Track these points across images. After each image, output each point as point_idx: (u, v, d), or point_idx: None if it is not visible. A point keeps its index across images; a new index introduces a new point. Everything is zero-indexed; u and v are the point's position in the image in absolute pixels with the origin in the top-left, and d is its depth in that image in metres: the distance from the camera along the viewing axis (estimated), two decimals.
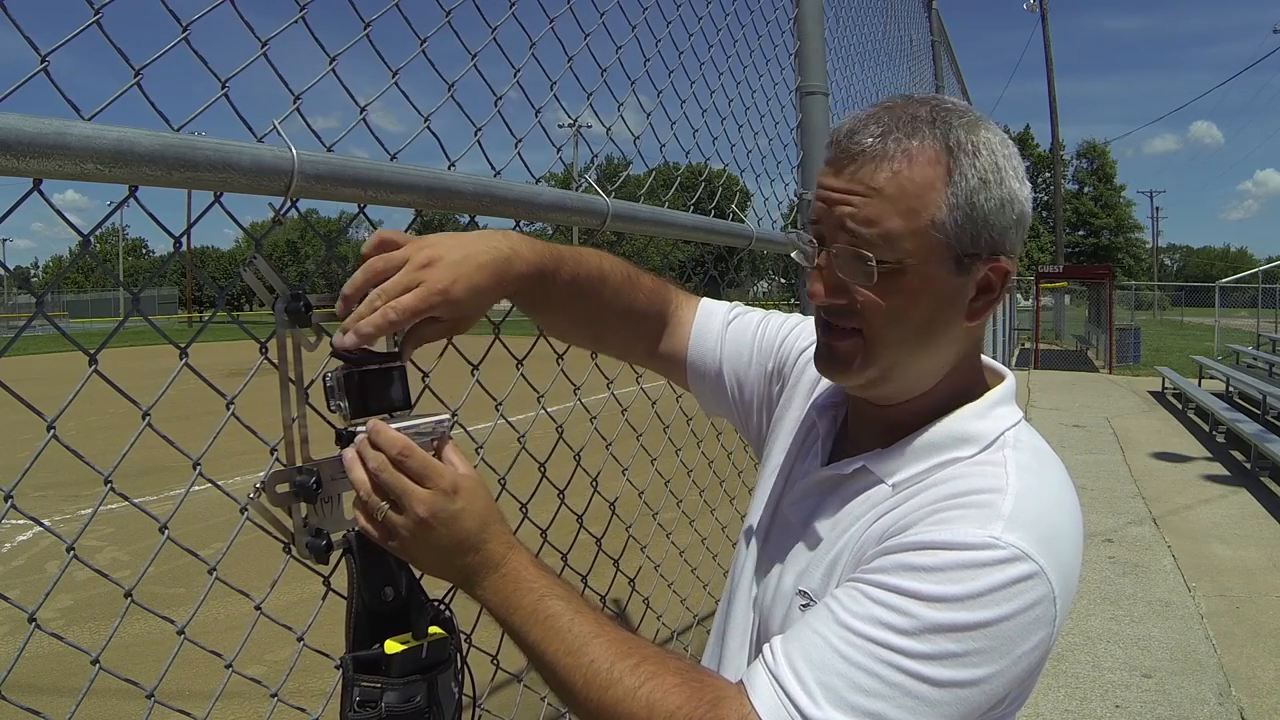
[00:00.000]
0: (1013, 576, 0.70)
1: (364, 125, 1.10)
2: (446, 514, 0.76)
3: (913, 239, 0.77)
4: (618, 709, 0.72)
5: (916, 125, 0.78)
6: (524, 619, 0.77)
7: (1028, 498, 0.75)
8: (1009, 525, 0.72)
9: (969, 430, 0.82)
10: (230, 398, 0.96)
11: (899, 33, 4.38)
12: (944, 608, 0.69)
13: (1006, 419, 0.84)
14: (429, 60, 1.20)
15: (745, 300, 2.65)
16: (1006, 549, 0.70)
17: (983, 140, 0.79)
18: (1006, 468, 0.78)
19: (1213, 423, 9.21)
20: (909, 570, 0.71)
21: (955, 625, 0.68)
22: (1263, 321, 17.71)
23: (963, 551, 0.70)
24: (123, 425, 1.18)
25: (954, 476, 0.79)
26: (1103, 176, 54.61)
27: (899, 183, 0.77)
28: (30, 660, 3.30)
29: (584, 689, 0.74)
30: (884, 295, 0.78)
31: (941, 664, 0.68)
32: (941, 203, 0.77)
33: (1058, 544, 0.73)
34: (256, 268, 0.80)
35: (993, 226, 0.78)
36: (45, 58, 0.76)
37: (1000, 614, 0.69)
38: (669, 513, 2.22)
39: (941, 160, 0.77)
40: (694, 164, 2.08)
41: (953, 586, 0.69)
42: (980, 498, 0.75)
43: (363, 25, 1.08)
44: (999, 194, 0.78)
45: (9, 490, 0.82)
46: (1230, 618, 4.24)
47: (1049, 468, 0.82)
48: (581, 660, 0.74)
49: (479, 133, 1.29)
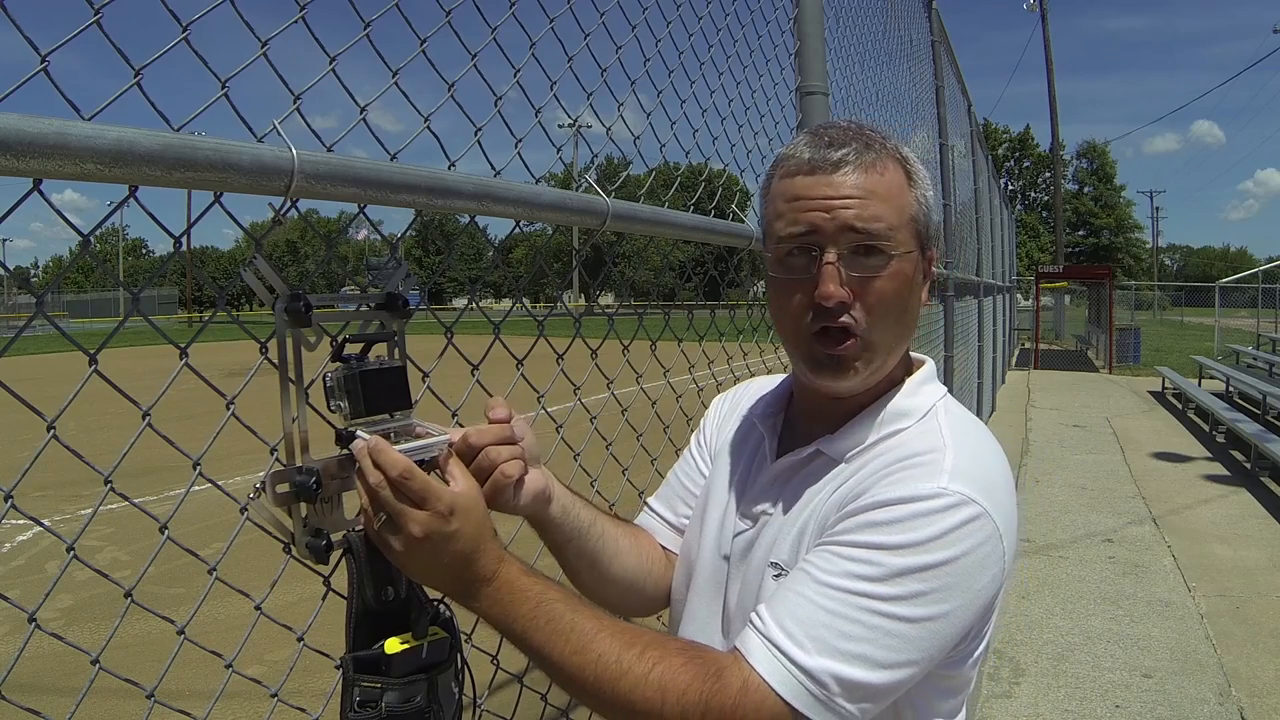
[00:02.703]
0: (963, 518, 0.80)
1: (364, 125, 1.10)
2: (441, 535, 0.79)
3: (903, 231, 0.92)
4: (632, 696, 0.77)
5: (871, 141, 0.93)
6: (525, 625, 0.80)
7: (965, 454, 0.86)
8: (953, 476, 0.83)
9: (905, 406, 0.96)
10: (230, 398, 0.96)
11: (899, 33, 4.38)
12: (908, 553, 0.79)
13: (935, 393, 0.99)
14: (429, 60, 1.19)
15: (745, 300, 2.65)
16: (954, 495, 0.81)
17: (915, 155, 0.98)
18: (942, 431, 0.91)
19: (1213, 423, 9.21)
20: (872, 526, 0.81)
21: (920, 566, 0.79)
22: (1263, 321, 17.71)
23: (917, 503, 0.81)
24: (123, 425, 1.19)
25: (898, 444, 0.91)
26: (1103, 176, 54.62)
27: (885, 184, 0.91)
28: (30, 660, 3.30)
29: (596, 683, 0.78)
30: (889, 280, 0.91)
31: (913, 603, 0.78)
32: (912, 200, 0.94)
33: (996, 491, 0.85)
34: (256, 268, 0.80)
35: (933, 222, 0.98)
36: (45, 58, 0.76)
37: (957, 552, 0.79)
38: None
39: (901, 167, 0.94)
40: (694, 164, 2.08)
41: (913, 534, 0.79)
42: (925, 457, 0.86)
43: (363, 25, 1.08)
44: (934, 195, 0.99)
45: (9, 490, 0.82)
46: (1230, 618, 4.24)
47: (977, 430, 0.95)
48: (589, 656, 0.78)
49: (479, 133, 1.29)
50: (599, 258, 37.04)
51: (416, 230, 43.17)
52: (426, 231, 49.77)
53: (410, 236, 43.75)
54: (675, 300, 12.39)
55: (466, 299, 1.50)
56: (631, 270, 37.31)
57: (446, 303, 49.05)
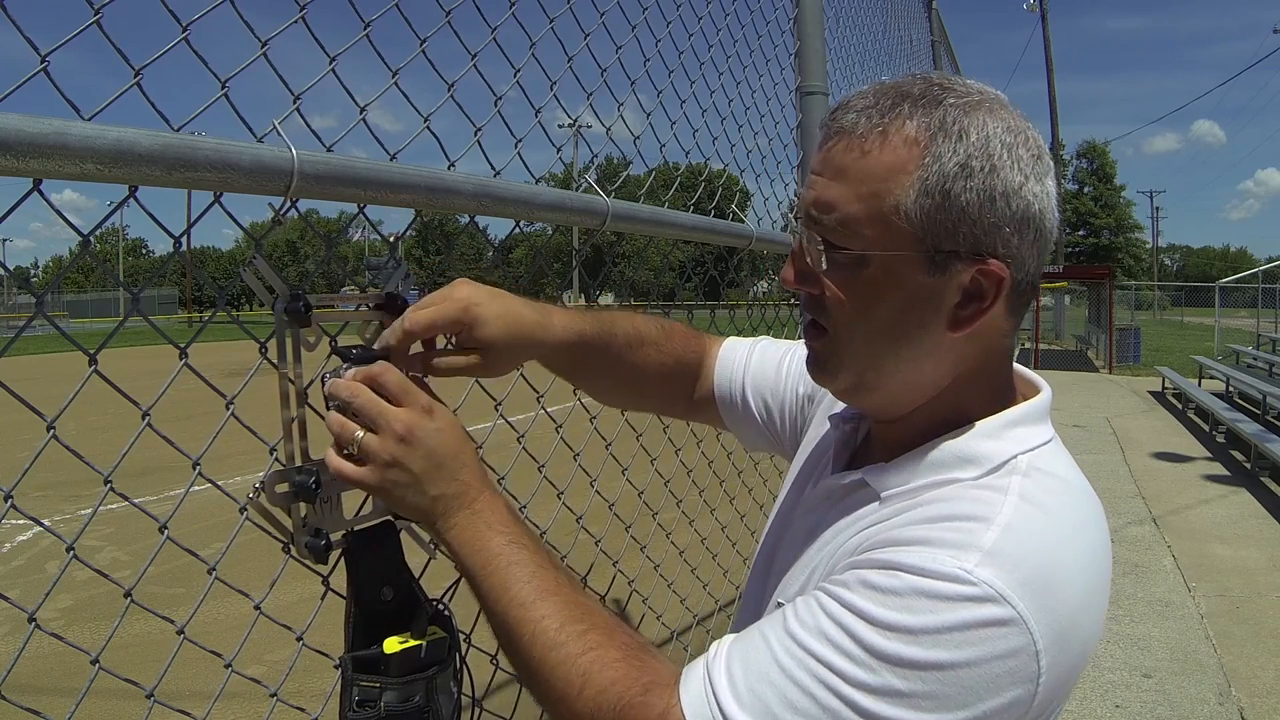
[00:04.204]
0: (980, 618, 0.61)
1: (364, 125, 1.10)
2: (425, 431, 0.75)
3: (874, 226, 0.69)
4: (555, 672, 0.69)
5: (900, 102, 0.70)
6: (485, 562, 0.74)
7: (1021, 533, 0.65)
8: (985, 559, 0.62)
9: (975, 450, 0.72)
10: (230, 398, 0.96)
11: (899, 33, 4.38)
12: (894, 638, 0.61)
13: (1025, 440, 0.73)
14: (429, 60, 1.20)
15: (745, 300, 2.65)
16: (978, 586, 0.61)
17: (976, 123, 0.69)
18: (1007, 496, 0.68)
19: (1213, 423, 9.21)
20: (866, 588, 0.64)
21: (904, 660, 0.61)
22: (1263, 321, 17.70)
23: (926, 580, 0.62)
24: (123, 425, 1.19)
25: (945, 498, 0.70)
26: (1103, 176, 54.60)
27: (866, 164, 0.70)
28: (30, 660, 3.30)
29: (529, 643, 0.71)
30: (845, 288, 0.72)
31: (883, 700, 0.61)
32: (910, 188, 0.68)
33: (1051, 591, 0.63)
34: (256, 268, 0.80)
35: (976, 221, 0.68)
36: (45, 58, 0.76)
37: (958, 658, 0.60)
38: (669, 513, 2.22)
39: (919, 141, 0.68)
40: (694, 164, 2.08)
41: (907, 616, 0.61)
42: (963, 525, 0.66)
43: (363, 25, 1.08)
44: (987, 185, 0.68)
45: (9, 490, 0.82)
46: (1230, 618, 4.24)
47: (1065, 503, 0.70)
48: (533, 614, 0.72)
49: (479, 133, 1.29)
50: (599, 258, 37.04)
51: (416, 230, 43.18)
52: (426, 231, 49.80)
53: (410, 236, 43.75)
54: (675, 300, 12.37)
55: None
56: (631, 270, 37.32)
57: None
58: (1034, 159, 0.70)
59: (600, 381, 1.09)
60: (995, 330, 0.73)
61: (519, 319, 0.89)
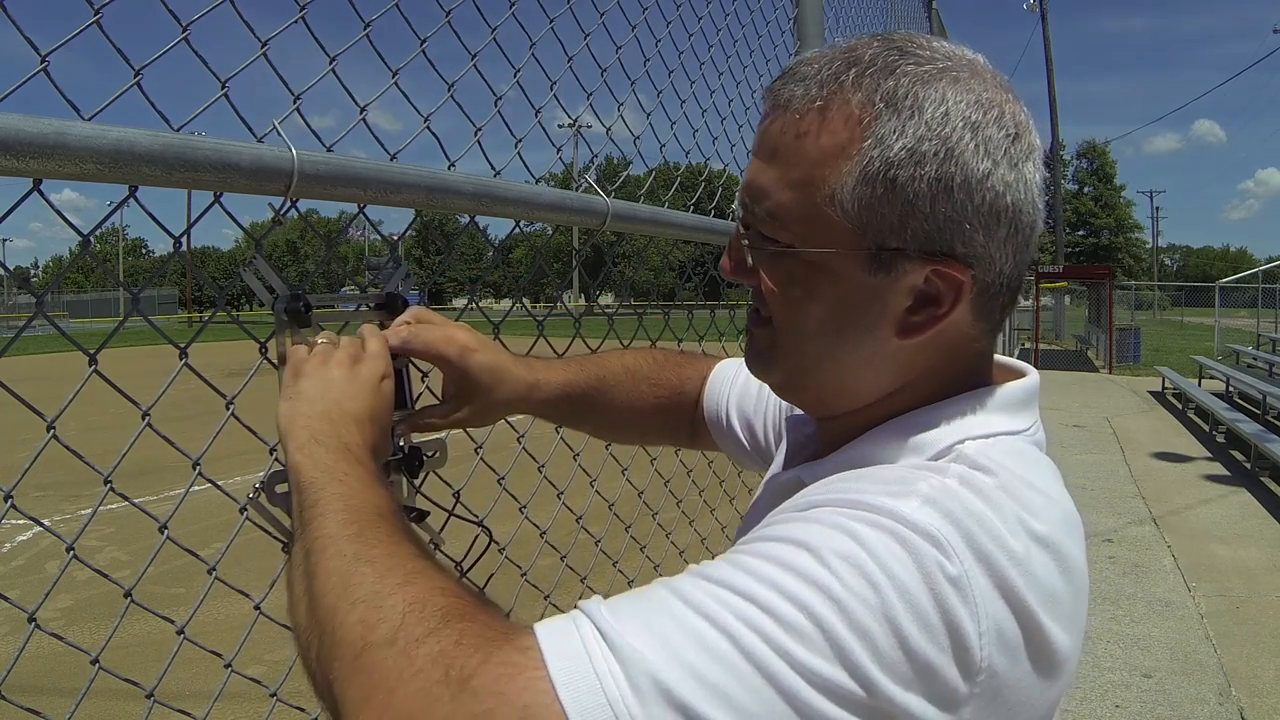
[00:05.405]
0: (914, 552, 0.49)
1: (364, 125, 1.10)
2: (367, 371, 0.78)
3: (804, 219, 0.60)
4: (350, 616, 0.53)
5: (847, 70, 0.59)
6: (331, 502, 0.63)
7: (964, 492, 0.54)
8: (929, 502, 0.52)
9: (916, 436, 0.62)
10: (230, 398, 0.96)
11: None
12: (805, 555, 0.49)
13: (978, 426, 0.61)
14: (429, 60, 1.20)
15: (745, 300, 2.64)
16: (919, 523, 0.50)
17: (934, 97, 0.57)
18: (946, 477, 0.55)
19: (1213, 423, 9.21)
20: (789, 524, 0.54)
21: (815, 583, 0.48)
22: (1263, 321, 17.70)
23: (851, 510, 0.52)
24: (123, 425, 1.18)
25: (877, 469, 0.60)
26: (1103, 176, 54.60)
27: (800, 146, 0.60)
28: (30, 660, 3.30)
29: (337, 583, 0.56)
30: (779, 283, 0.63)
31: (797, 639, 0.47)
32: (848, 175, 0.58)
33: (997, 557, 0.51)
34: (256, 268, 0.80)
35: (928, 216, 0.57)
36: (45, 58, 0.76)
37: (885, 597, 0.48)
38: (669, 513, 2.22)
39: (862, 119, 0.58)
40: (694, 164, 2.08)
41: (823, 537, 0.50)
42: (894, 475, 0.57)
43: (363, 25, 1.08)
44: (941, 171, 0.57)
45: (9, 490, 0.82)
46: (1230, 618, 4.23)
47: (1016, 504, 0.55)
48: (356, 564, 0.57)
49: (479, 133, 1.29)
50: (599, 258, 37.06)
51: (416, 230, 43.16)
52: (426, 231, 49.80)
53: (410, 236, 43.73)
54: (675, 300, 12.38)
55: (466, 299, 1.50)
56: (631, 270, 37.32)
57: (446, 303, 49.09)
58: (1009, 139, 0.59)
59: (599, 425, 1.08)
60: (959, 337, 0.63)
61: (507, 373, 0.92)
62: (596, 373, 1.02)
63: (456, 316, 1.32)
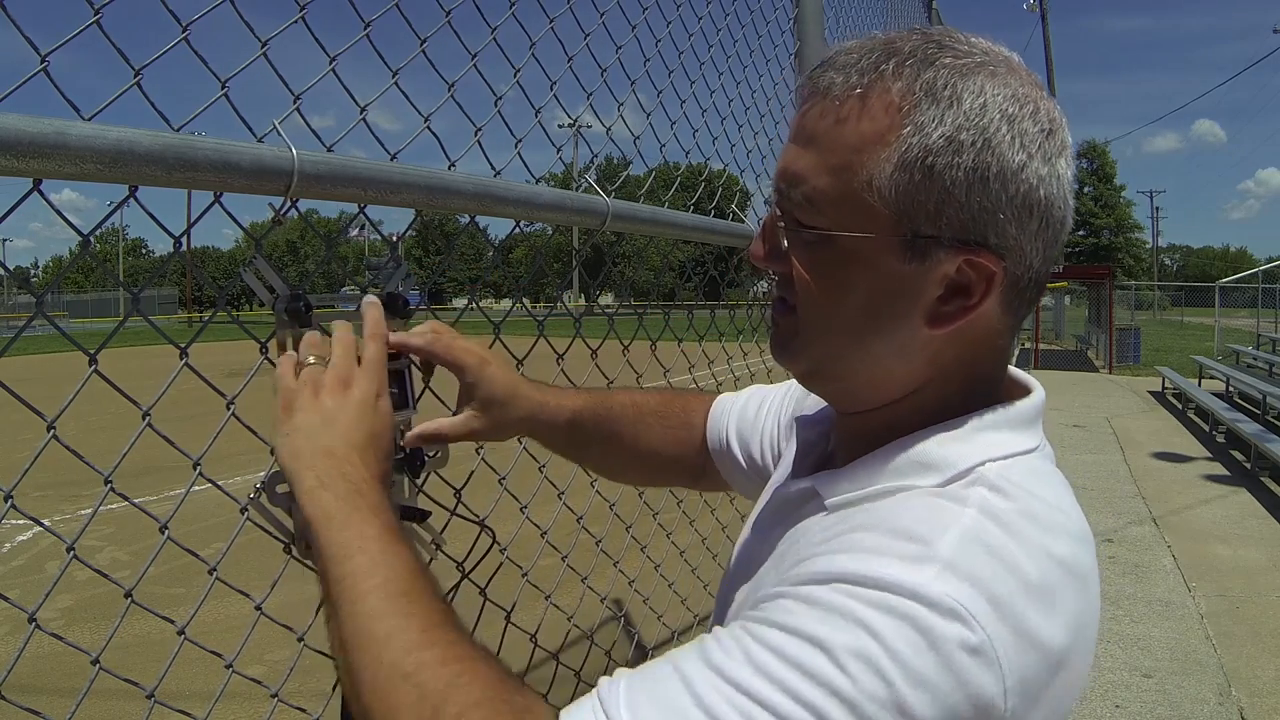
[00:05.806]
0: (944, 640, 0.49)
1: (364, 125, 1.10)
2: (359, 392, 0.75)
3: (841, 204, 0.60)
4: (408, 681, 0.56)
5: (887, 60, 0.60)
6: (361, 547, 0.64)
7: (978, 548, 0.53)
8: (946, 570, 0.51)
9: (934, 455, 0.61)
10: (230, 398, 0.96)
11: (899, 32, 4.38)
12: (830, 657, 0.50)
13: (998, 447, 0.62)
14: (429, 60, 1.20)
15: (745, 300, 2.64)
16: (940, 602, 0.50)
17: (973, 88, 0.58)
18: (964, 510, 0.56)
19: (1213, 423, 9.21)
20: (799, 603, 0.53)
21: (843, 696, 0.49)
22: (1263, 321, 17.71)
23: (873, 590, 0.51)
24: (123, 425, 1.19)
25: (890, 508, 0.59)
26: (1103, 176, 54.61)
27: (839, 133, 0.60)
28: (30, 660, 3.30)
29: (381, 645, 0.59)
30: (811, 270, 0.63)
31: None
32: (886, 161, 0.58)
33: (1010, 617, 0.51)
34: (256, 268, 0.80)
35: (963, 205, 0.58)
36: (45, 58, 0.76)
37: (925, 698, 0.49)
38: (669, 513, 2.22)
39: (901, 107, 0.59)
40: (694, 164, 2.08)
41: (848, 636, 0.50)
42: (914, 534, 0.54)
43: (363, 25, 1.08)
44: (978, 161, 0.57)
45: (9, 490, 0.82)
46: (1230, 618, 4.23)
47: (1037, 528, 0.56)
48: (389, 624, 0.59)
49: (479, 133, 1.29)
50: (599, 258, 37.05)
51: (416, 230, 43.16)
52: (426, 231, 49.80)
53: (410, 236, 43.75)
54: (675, 300, 12.39)
55: (466, 299, 1.50)
56: (631, 270, 37.31)
57: (446, 303, 49.08)
58: (1043, 135, 0.59)
59: (606, 455, 1.07)
60: (986, 330, 0.63)
61: (520, 391, 0.94)
62: (605, 404, 1.03)
63: (457, 316, 1.32)
